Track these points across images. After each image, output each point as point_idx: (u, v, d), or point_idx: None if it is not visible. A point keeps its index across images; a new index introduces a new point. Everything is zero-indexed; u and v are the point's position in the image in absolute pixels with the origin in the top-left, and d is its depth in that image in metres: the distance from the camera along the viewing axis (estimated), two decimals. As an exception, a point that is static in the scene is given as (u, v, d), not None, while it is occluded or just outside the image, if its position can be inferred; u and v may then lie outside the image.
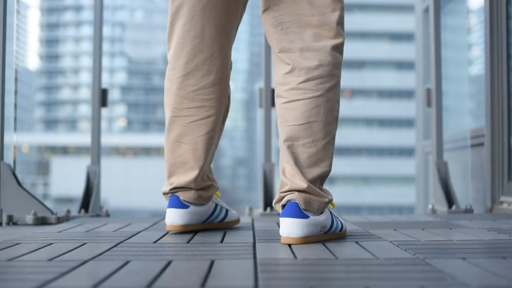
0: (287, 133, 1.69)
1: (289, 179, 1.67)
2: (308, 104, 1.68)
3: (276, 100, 1.76)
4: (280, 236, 1.64)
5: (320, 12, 1.70)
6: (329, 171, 1.71)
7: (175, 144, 1.87)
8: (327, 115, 1.69)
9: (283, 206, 1.67)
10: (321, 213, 1.68)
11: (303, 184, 1.64)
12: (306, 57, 1.69)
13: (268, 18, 1.74)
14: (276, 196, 1.72)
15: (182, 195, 1.89)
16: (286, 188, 1.67)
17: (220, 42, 1.85)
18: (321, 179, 1.70)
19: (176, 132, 1.87)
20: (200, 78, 1.84)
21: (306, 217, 1.63)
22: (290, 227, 1.62)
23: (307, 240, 1.63)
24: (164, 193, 1.93)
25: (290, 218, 1.62)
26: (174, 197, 1.89)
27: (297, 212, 1.63)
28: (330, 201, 1.71)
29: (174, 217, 1.87)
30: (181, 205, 1.88)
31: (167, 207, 1.89)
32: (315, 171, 1.68)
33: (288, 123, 1.69)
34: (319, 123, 1.68)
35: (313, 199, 1.66)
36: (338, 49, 1.72)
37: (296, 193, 1.65)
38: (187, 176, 1.87)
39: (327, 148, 1.70)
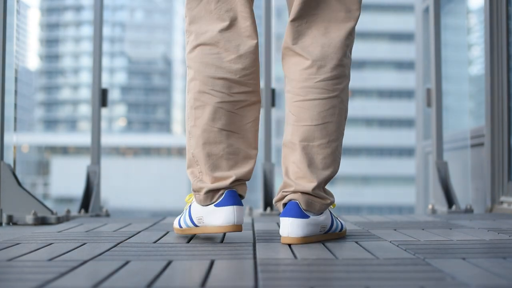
0: (302, 133, 1.66)
1: (293, 180, 1.66)
2: (325, 105, 1.66)
3: (288, 96, 1.72)
4: (280, 236, 1.64)
5: (347, 8, 1.69)
6: (337, 171, 1.71)
7: (223, 134, 1.68)
8: (340, 115, 1.69)
9: (284, 204, 1.67)
10: (321, 213, 1.69)
11: (308, 188, 1.64)
12: (327, 55, 1.67)
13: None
14: (278, 194, 1.70)
15: (240, 189, 1.71)
16: (290, 189, 1.66)
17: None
18: (328, 179, 1.70)
19: (225, 120, 1.68)
20: (253, 62, 1.71)
21: (307, 217, 1.63)
22: (290, 227, 1.61)
23: (307, 240, 1.62)
24: (212, 190, 1.67)
25: (290, 218, 1.62)
26: (233, 193, 1.67)
27: (298, 212, 1.62)
28: (332, 202, 1.71)
29: (237, 217, 1.65)
30: (240, 201, 1.68)
31: (223, 205, 1.65)
32: (326, 172, 1.67)
33: (304, 123, 1.67)
34: (334, 124, 1.67)
35: (315, 200, 1.66)
36: (351, 47, 1.72)
37: (299, 193, 1.64)
38: (246, 166, 1.71)
39: (339, 149, 1.70)
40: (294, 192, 1.65)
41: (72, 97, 52.18)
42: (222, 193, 1.66)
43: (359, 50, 38.91)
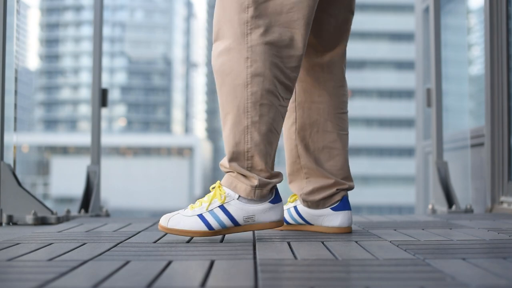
0: (346, 142, 1.98)
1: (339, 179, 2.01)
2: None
3: (322, 106, 1.92)
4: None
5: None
6: None
7: (277, 135, 1.77)
8: None
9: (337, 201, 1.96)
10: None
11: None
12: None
13: None
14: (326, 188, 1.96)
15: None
16: (345, 186, 2.00)
17: None
18: None
19: (281, 123, 1.76)
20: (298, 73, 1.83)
21: None
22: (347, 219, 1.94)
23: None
24: (274, 186, 1.76)
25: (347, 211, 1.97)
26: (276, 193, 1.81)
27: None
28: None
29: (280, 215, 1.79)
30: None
31: (279, 201, 1.76)
32: None
33: (345, 132, 1.97)
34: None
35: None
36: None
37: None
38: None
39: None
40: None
41: (72, 97, 52.20)
42: (273, 190, 1.75)
43: (359, 50, 38.90)
